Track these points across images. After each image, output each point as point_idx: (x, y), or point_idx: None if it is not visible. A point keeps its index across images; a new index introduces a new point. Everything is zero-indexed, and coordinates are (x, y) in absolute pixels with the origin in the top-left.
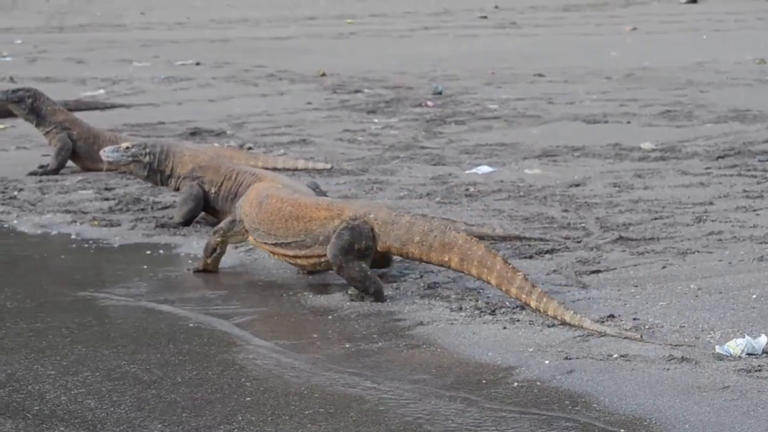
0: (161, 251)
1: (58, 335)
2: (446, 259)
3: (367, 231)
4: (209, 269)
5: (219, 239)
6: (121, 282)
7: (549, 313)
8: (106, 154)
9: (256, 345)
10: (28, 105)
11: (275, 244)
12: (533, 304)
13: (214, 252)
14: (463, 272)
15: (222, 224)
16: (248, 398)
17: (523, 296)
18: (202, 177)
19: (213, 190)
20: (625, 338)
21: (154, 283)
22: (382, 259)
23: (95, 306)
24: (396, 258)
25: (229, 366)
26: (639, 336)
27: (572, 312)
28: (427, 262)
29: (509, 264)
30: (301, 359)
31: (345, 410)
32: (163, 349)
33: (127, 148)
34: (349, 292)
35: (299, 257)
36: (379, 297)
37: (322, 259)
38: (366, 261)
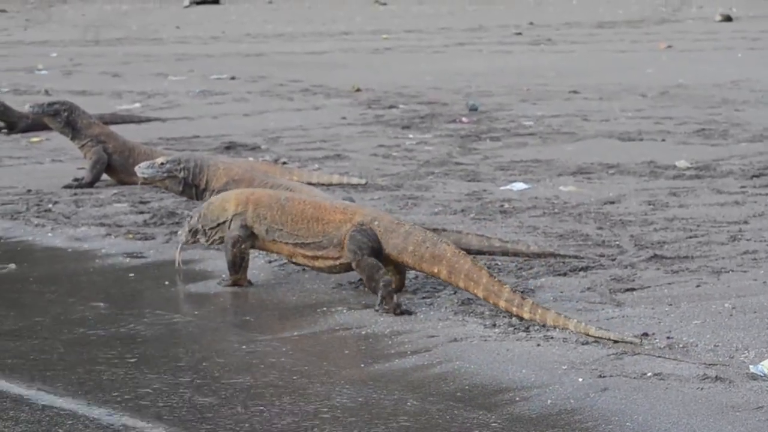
0: (195, 266)
1: (90, 354)
2: (436, 270)
3: (373, 235)
4: (241, 283)
5: (242, 247)
6: (154, 297)
7: (548, 322)
8: (141, 170)
9: (290, 362)
10: (64, 118)
11: (296, 244)
12: (526, 315)
13: (243, 262)
14: (452, 284)
15: (237, 233)
16: (279, 420)
17: (514, 309)
18: None
19: None
20: (625, 343)
21: (187, 298)
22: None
23: (127, 323)
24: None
25: (267, 385)
26: (639, 341)
27: (576, 320)
28: (420, 272)
29: (495, 277)
30: (333, 376)
31: (374, 427)
32: (198, 368)
33: (162, 164)
34: (375, 307)
35: (317, 258)
36: (389, 294)
37: (337, 262)
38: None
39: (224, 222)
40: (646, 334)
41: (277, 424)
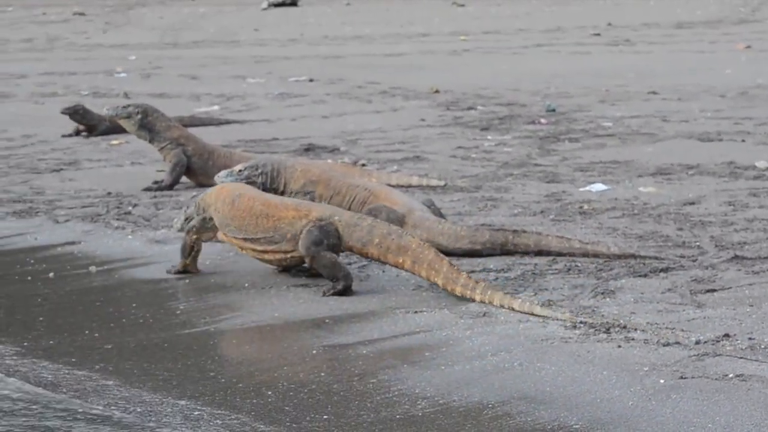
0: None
1: (168, 357)
2: (401, 260)
3: (333, 230)
4: (190, 270)
5: (194, 237)
6: (234, 299)
7: (495, 303)
8: (220, 178)
9: (371, 364)
10: (137, 121)
11: (245, 239)
12: (478, 297)
13: (192, 251)
14: (414, 274)
15: (194, 223)
16: None
17: (468, 292)
18: (313, 192)
19: None
20: (576, 323)
21: (266, 300)
22: None
23: (207, 325)
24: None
25: (348, 388)
26: (594, 321)
27: (520, 300)
28: (384, 263)
29: (454, 266)
30: (414, 378)
31: (457, 429)
32: (278, 370)
33: (240, 170)
34: (324, 290)
35: (267, 252)
36: (348, 284)
37: (288, 255)
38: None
39: None
40: (727, 335)
41: (355, 426)
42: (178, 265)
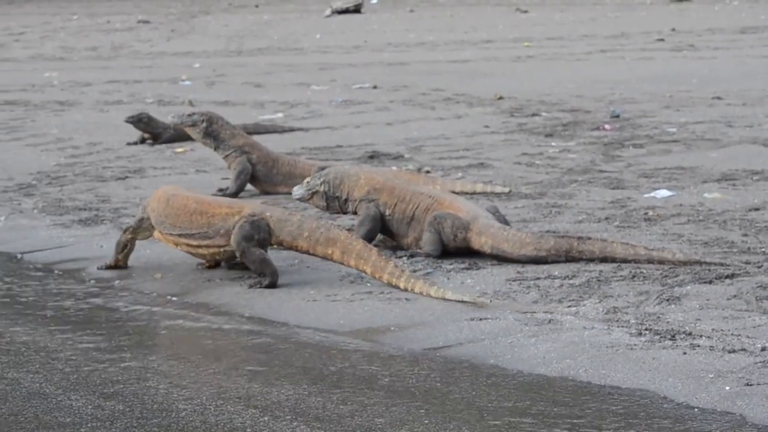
0: (344, 277)
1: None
2: (329, 252)
3: (264, 226)
4: (120, 265)
5: (129, 236)
6: (292, 309)
7: (416, 290)
8: (294, 192)
9: (439, 372)
10: (203, 129)
11: (180, 235)
12: (402, 285)
13: (125, 248)
14: (343, 264)
15: (131, 223)
16: None
17: (394, 280)
18: (377, 199)
19: (388, 212)
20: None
21: (331, 308)
22: None
23: (265, 336)
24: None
25: (409, 394)
26: (488, 301)
27: (436, 287)
28: (313, 255)
29: (382, 255)
30: (480, 384)
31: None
32: (343, 381)
33: (308, 182)
34: (249, 284)
35: (201, 247)
36: (273, 280)
37: (221, 249)
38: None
39: None
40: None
41: None
42: (109, 260)
